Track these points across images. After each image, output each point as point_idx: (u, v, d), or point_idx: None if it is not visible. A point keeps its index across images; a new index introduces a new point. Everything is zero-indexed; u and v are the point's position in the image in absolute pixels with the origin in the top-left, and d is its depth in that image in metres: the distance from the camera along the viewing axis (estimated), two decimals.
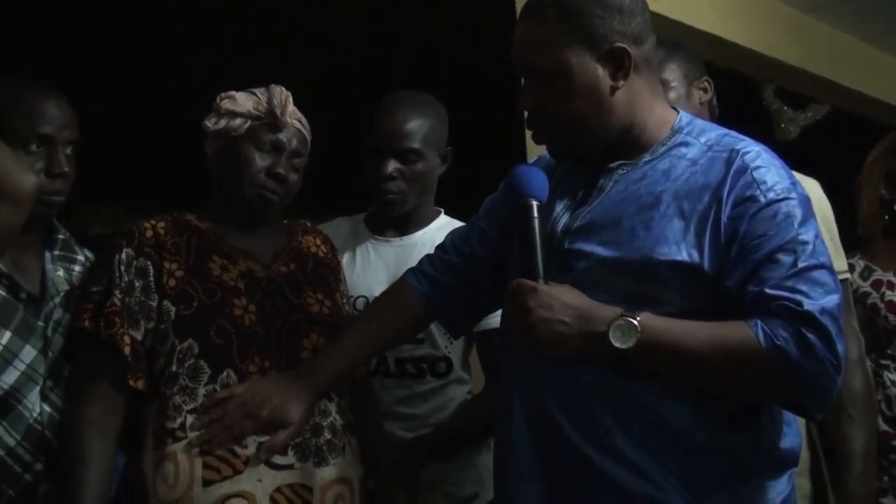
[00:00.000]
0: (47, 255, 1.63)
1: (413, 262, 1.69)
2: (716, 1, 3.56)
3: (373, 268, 1.96)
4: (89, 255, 1.71)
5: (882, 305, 2.36)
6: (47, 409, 1.54)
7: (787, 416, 1.36)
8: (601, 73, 1.35)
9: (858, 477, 1.86)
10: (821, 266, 1.26)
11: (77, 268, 1.66)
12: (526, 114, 1.43)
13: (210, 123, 1.67)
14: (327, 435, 1.58)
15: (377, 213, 2.01)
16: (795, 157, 1.59)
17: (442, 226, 1.93)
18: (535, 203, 1.37)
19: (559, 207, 1.43)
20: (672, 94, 1.87)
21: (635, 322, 1.25)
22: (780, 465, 1.35)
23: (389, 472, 1.70)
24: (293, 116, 1.67)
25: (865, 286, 2.41)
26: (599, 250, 1.34)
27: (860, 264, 2.44)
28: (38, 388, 1.53)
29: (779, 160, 1.36)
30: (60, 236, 1.67)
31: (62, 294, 1.61)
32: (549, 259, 1.35)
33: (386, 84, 2.04)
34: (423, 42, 4.37)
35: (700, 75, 1.94)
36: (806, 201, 1.32)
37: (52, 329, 1.57)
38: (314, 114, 1.72)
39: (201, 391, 1.53)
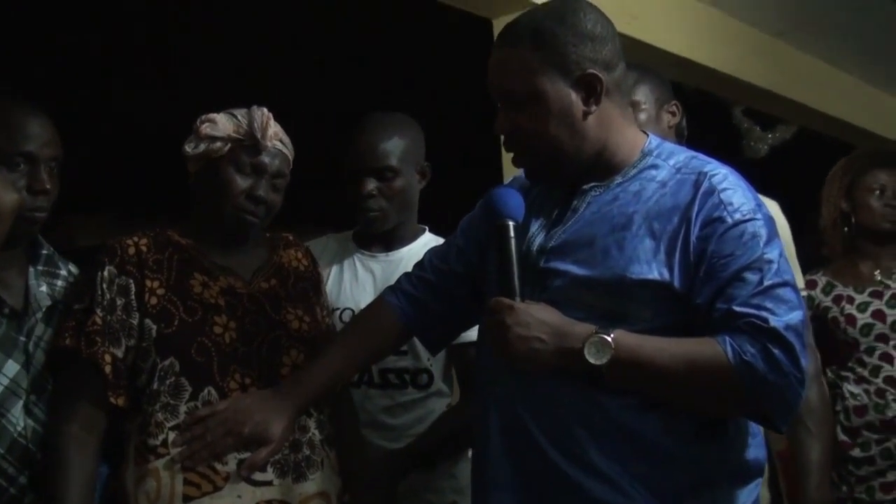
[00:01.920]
0: (31, 270, 1.64)
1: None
2: (687, 25, 3.63)
3: (360, 281, 2.01)
4: (73, 269, 1.72)
5: (842, 319, 2.45)
6: (31, 423, 1.55)
7: (753, 427, 1.41)
8: (574, 98, 1.40)
9: (815, 487, 1.92)
10: (785, 284, 1.31)
11: (60, 283, 1.67)
12: (503, 137, 1.47)
13: (189, 148, 1.66)
14: (306, 451, 1.60)
15: (363, 230, 2.05)
16: (762, 176, 1.64)
17: (427, 243, 1.97)
18: (511, 223, 1.40)
19: (534, 227, 1.46)
20: (642, 116, 1.92)
21: (609, 339, 1.29)
22: (747, 475, 1.39)
23: (369, 484, 1.73)
24: (274, 138, 1.66)
25: (827, 301, 2.49)
26: (574, 269, 1.38)
27: (822, 280, 2.52)
28: (21, 403, 1.54)
29: (744, 182, 1.41)
30: (44, 251, 1.68)
31: (44, 309, 1.62)
32: (525, 277, 1.39)
33: (369, 107, 2.08)
34: (404, 64, 4.42)
35: (669, 99, 2.00)
36: (770, 222, 1.37)
37: (33, 344, 1.58)
38: (297, 132, 1.74)
39: (183, 408, 1.55)
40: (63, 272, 1.69)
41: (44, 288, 1.64)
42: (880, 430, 2.36)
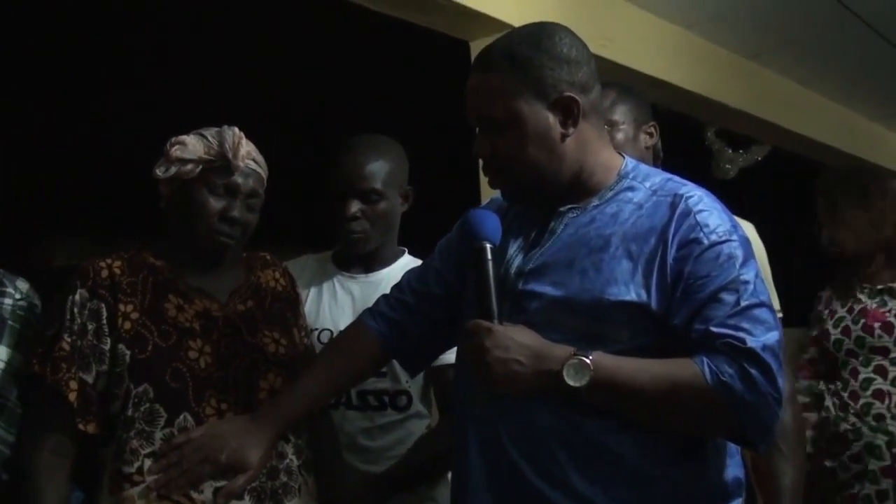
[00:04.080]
0: None
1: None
2: (662, 47, 3.68)
3: (339, 302, 2.00)
4: (21, 285, 1.69)
5: (825, 333, 2.54)
6: None
7: (730, 447, 1.41)
8: (552, 121, 1.40)
9: None
10: (761, 304, 1.32)
11: (7, 301, 1.65)
12: (481, 161, 1.48)
13: (160, 171, 1.64)
14: (283, 477, 1.58)
15: (343, 251, 2.05)
16: (736, 194, 1.65)
17: (406, 264, 1.96)
18: (488, 246, 1.40)
19: (512, 249, 1.46)
20: (620, 136, 1.93)
21: (588, 361, 1.29)
22: (725, 496, 1.39)
23: None
24: (247, 157, 1.64)
25: (824, 314, 2.58)
26: (552, 291, 1.38)
27: (825, 294, 2.62)
28: None
29: (720, 204, 1.42)
30: None
31: None
32: (503, 300, 1.39)
33: (348, 129, 2.09)
34: (384, 88, 4.44)
35: (647, 120, 2.02)
36: (746, 243, 1.38)
37: None
38: (276, 154, 1.73)
39: (158, 435, 1.53)
40: (10, 289, 1.67)
41: None
42: (836, 444, 2.44)
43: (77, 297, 1.57)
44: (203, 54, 4.24)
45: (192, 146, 1.63)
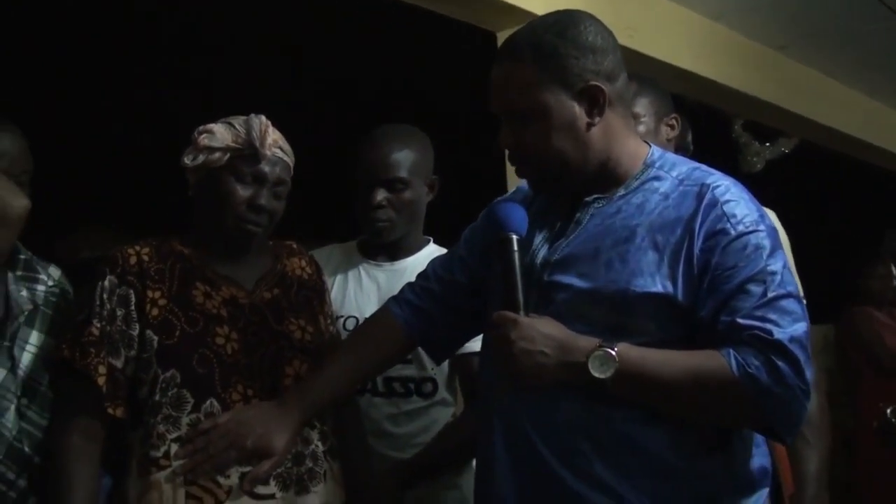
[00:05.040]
0: (10, 275, 1.64)
1: None
2: (688, 38, 3.64)
3: (364, 290, 2.01)
4: (54, 272, 1.72)
5: None
6: (26, 426, 1.56)
7: (756, 437, 1.40)
8: (577, 110, 1.40)
9: (812, 498, 1.91)
10: (789, 295, 1.31)
11: (41, 287, 1.68)
12: (507, 151, 1.47)
13: (188, 160, 1.65)
14: (309, 463, 1.59)
15: (368, 240, 2.06)
16: (761, 186, 1.64)
17: (431, 254, 1.96)
18: (515, 237, 1.40)
19: (538, 240, 1.46)
20: (641, 128, 1.92)
21: (613, 352, 1.29)
22: (752, 485, 1.39)
23: (374, 497, 1.72)
24: (274, 145, 1.64)
25: None
26: (577, 282, 1.38)
27: None
28: (13, 407, 1.55)
29: (747, 193, 1.41)
30: (22, 256, 1.68)
31: (26, 313, 1.62)
32: (529, 291, 1.39)
33: (375, 119, 2.09)
34: (411, 78, 4.44)
35: (669, 112, 2.00)
36: (773, 233, 1.37)
37: (18, 348, 1.59)
38: (303, 146, 1.74)
39: (185, 420, 1.54)
40: (42, 276, 1.70)
41: (24, 292, 1.64)
42: None
43: (106, 283, 1.59)
44: (229, 44, 4.26)
45: (219, 134, 1.64)
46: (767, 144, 4.89)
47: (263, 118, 1.66)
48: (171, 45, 4.25)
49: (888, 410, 3.40)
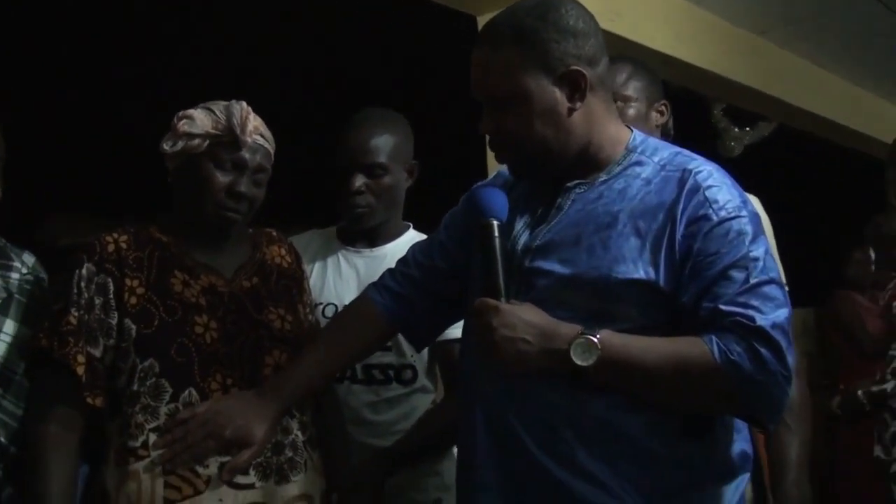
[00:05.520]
0: None
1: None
2: (670, 23, 3.63)
3: (343, 277, 2.00)
4: (28, 259, 1.69)
5: None
6: (1, 416, 1.53)
7: (737, 422, 1.40)
8: (558, 95, 1.38)
9: (793, 483, 1.92)
10: (771, 281, 1.31)
11: (14, 275, 1.65)
12: (487, 136, 1.46)
13: (167, 146, 1.62)
14: (288, 453, 1.58)
15: (348, 226, 2.04)
16: (742, 171, 1.63)
17: (411, 239, 1.95)
18: (496, 223, 1.39)
19: (519, 225, 1.45)
20: (632, 112, 1.91)
21: (595, 340, 1.29)
22: (734, 471, 1.39)
23: (355, 485, 1.72)
24: (255, 132, 1.62)
25: None
26: (559, 268, 1.37)
27: None
28: None
29: (729, 179, 1.40)
30: None
31: (0, 301, 1.59)
32: (510, 277, 1.38)
33: (354, 103, 2.07)
34: (389, 62, 4.41)
35: (659, 98, 2.00)
36: (756, 219, 1.36)
37: None
38: (280, 128, 1.72)
39: (163, 410, 1.53)
40: (17, 263, 1.67)
41: None
42: None
43: (84, 271, 1.57)
44: (206, 29, 4.21)
45: (199, 120, 1.61)
46: (747, 129, 4.91)
47: (244, 104, 1.63)
48: (151, 29, 4.19)
49: (859, 392, 3.43)
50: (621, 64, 1.97)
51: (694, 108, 4.58)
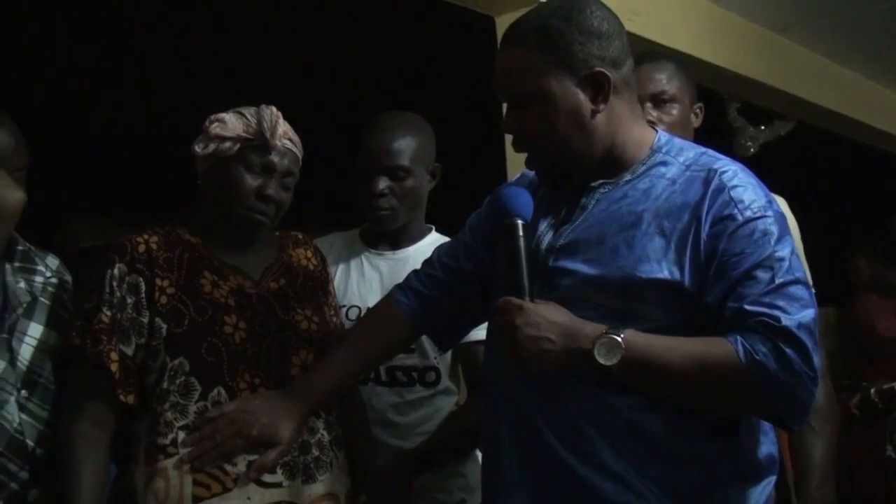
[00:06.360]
0: (7, 267, 1.63)
1: (405, 276, 1.71)
2: (689, 21, 3.62)
3: (366, 279, 2.01)
4: (52, 262, 1.71)
5: None
6: (26, 418, 1.56)
7: (764, 424, 1.40)
8: (582, 97, 1.39)
9: (817, 486, 1.91)
10: (797, 282, 1.31)
11: (38, 278, 1.67)
12: (511, 137, 1.47)
13: (199, 148, 1.65)
14: (315, 452, 1.60)
15: (371, 228, 2.05)
16: (762, 169, 1.63)
17: (433, 242, 1.97)
18: (520, 222, 1.40)
19: (543, 225, 1.46)
20: (675, 112, 1.91)
21: (619, 339, 1.29)
22: (759, 473, 1.39)
23: (381, 485, 1.73)
24: (284, 137, 1.65)
25: None
26: (583, 268, 1.37)
27: None
28: (13, 399, 1.55)
29: (755, 178, 1.40)
30: (20, 248, 1.68)
31: (24, 305, 1.62)
32: (534, 276, 1.38)
33: (374, 106, 2.08)
34: (409, 64, 4.42)
35: (696, 100, 2.01)
36: (781, 218, 1.36)
37: (17, 340, 1.58)
38: (302, 131, 1.74)
39: (192, 408, 1.55)
40: (40, 267, 1.69)
41: (22, 284, 1.64)
42: None
43: (115, 271, 1.59)
44: (228, 33, 4.23)
45: (231, 124, 1.64)
46: (763, 128, 4.89)
47: (274, 109, 1.66)
48: (170, 32, 4.22)
49: (872, 390, 3.39)
50: (664, 62, 1.97)
51: (709, 106, 4.56)
